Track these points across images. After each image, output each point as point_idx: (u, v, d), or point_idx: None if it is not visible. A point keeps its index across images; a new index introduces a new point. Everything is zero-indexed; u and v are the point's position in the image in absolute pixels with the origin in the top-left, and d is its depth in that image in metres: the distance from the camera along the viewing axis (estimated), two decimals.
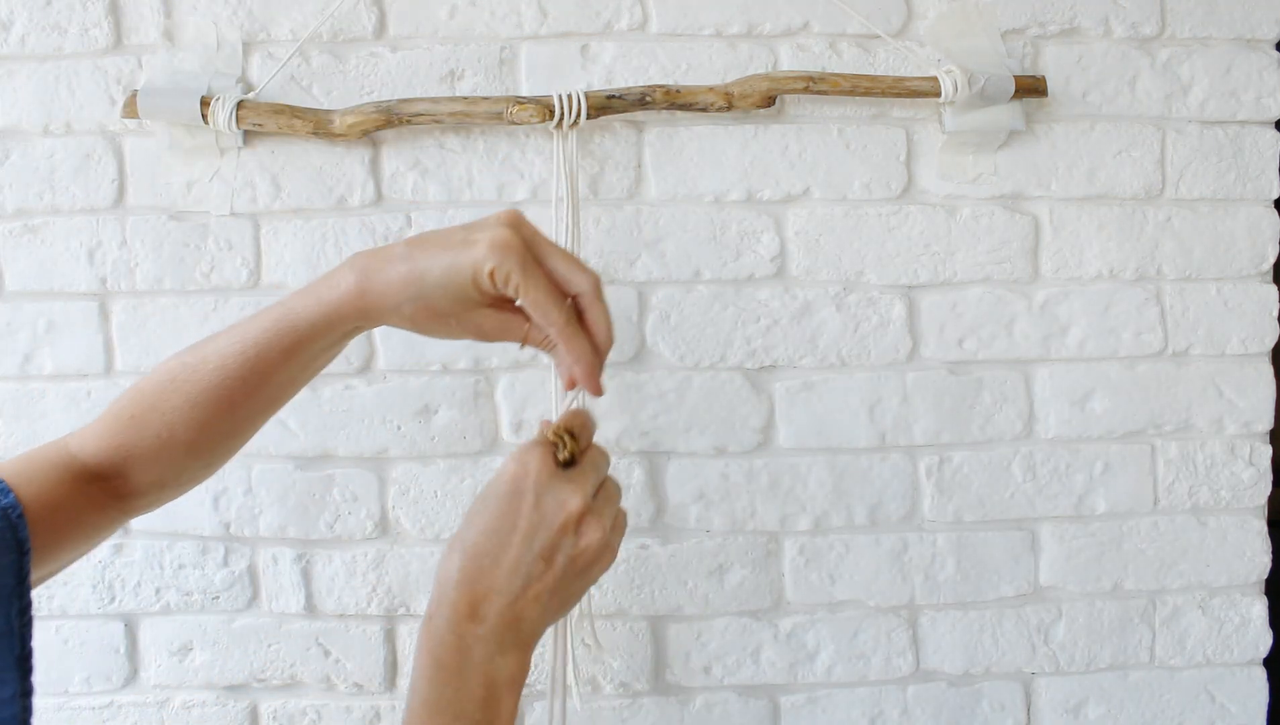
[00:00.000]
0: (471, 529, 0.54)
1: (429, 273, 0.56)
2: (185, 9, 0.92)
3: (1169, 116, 0.98)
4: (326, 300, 0.58)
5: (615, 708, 0.98)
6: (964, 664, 1.00)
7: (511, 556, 0.53)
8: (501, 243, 0.55)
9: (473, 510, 0.55)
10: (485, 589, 0.52)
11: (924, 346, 0.98)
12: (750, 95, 0.92)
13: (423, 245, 0.57)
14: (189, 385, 0.63)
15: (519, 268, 0.55)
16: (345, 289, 0.58)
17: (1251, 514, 1.00)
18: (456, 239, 0.56)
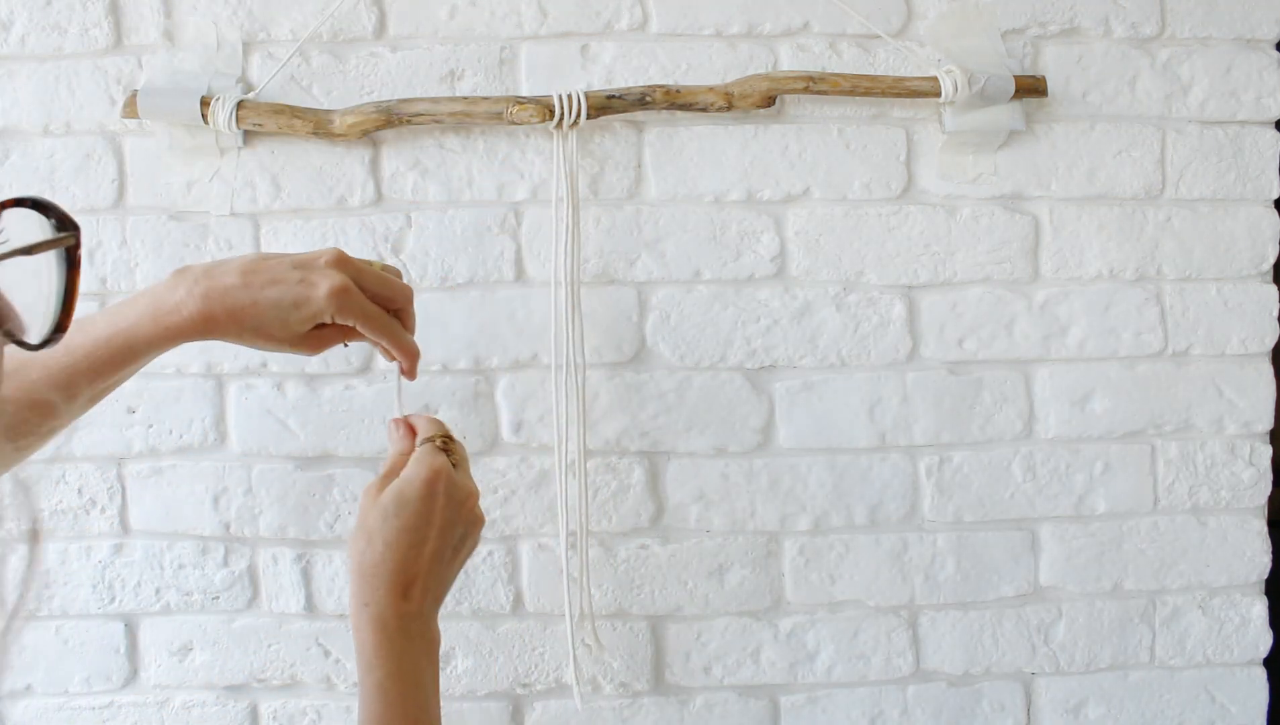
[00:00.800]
0: (391, 526, 0.63)
1: (269, 309, 0.64)
2: (185, 9, 0.92)
3: (1169, 116, 0.98)
4: (169, 325, 0.63)
5: (615, 708, 0.98)
6: (964, 664, 1.00)
7: (432, 547, 0.63)
8: (339, 291, 0.64)
9: (388, 510, 0.63)
10: (412, 576, 0.62)
11: (924, 346, 0.98)
12: (750, 95, 0.92)
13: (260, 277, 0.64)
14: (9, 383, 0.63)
15: (359, 314, 0.65)
16: (189, 315, 0.63)
17: (1251, 514, 1.00)
18: (294, 279, 0.64)
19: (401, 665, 0.61)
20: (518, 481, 0.96)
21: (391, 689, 0.61)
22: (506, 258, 0.95)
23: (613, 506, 0.96)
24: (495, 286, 0.95)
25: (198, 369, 0.94)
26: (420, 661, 0.62)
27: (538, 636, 0.97)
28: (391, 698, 0.61)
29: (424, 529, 0.63)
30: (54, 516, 0.94)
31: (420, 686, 0.62)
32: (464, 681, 0.97)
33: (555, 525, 0.95)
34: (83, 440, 0.94)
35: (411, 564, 0.63)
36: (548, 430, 0.95)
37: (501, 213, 0.95)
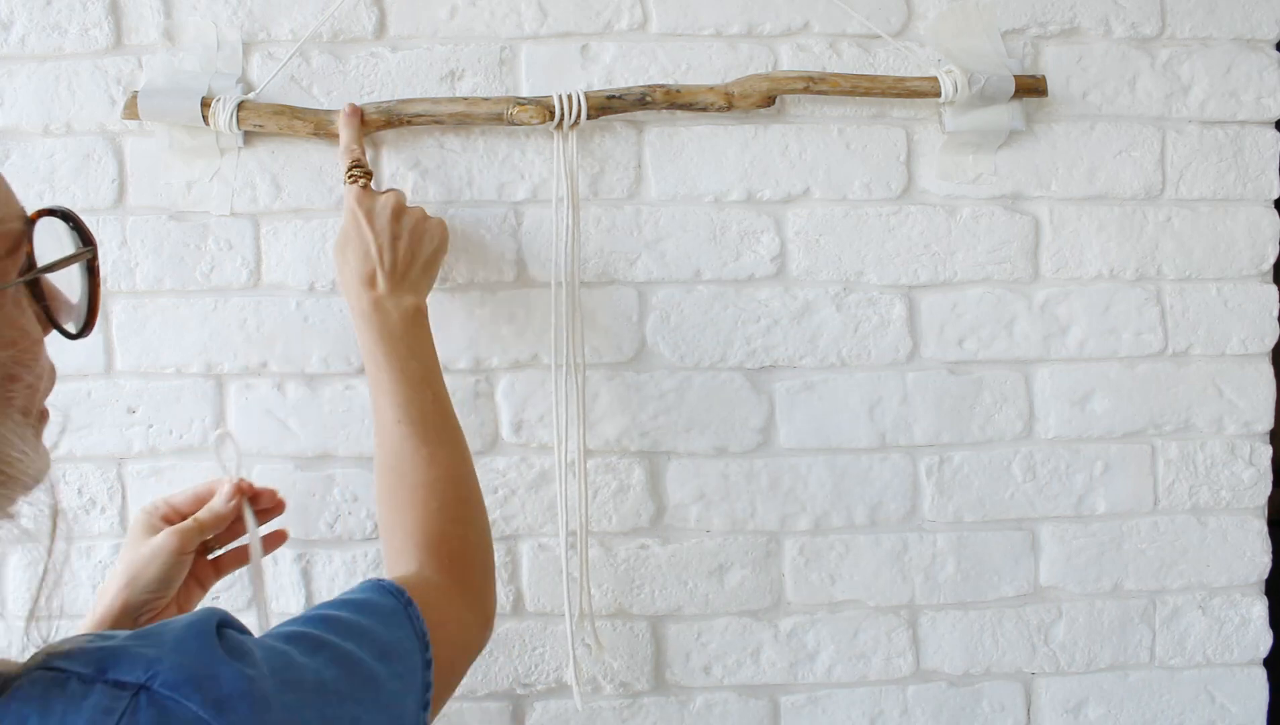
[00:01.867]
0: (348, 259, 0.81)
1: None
2: (185, 9, 0.92)
3: (1169, 116, 0.98)
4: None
5: (615, 708, 0.98)
6: (964, 664, 1.00)
7: (372, 247, 0.80)
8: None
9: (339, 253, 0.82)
10: (369, 271, 0.80)
11: (924, 346, 0.98)
12: (750, 95, 0.92)
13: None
14: None
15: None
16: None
17: (1251, 514, 1.00)
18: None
19: (383, 331, 0.78)
20: (518, 481, 0.96)
21: (378, 347, 0.78)
22: (506, 258, 0.95)
23: (613, 506, 0.96)
24: (495, 286, 0.95)
25: (198, 369, 0.94)
26: (397, 324, 0.79)
27: (538, 636, 0.97)
28: (379, 353, 0.78)
29: (359, 239, 0.80)
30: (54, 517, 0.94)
31: (404, 338, 0.78)
32: (464, 682, 0.96)
33: (555, 525, 0.95)
34: (83, 440, 0.94)
35: (362, 264, 0.80)
36: (548, 430, 0.95)
37: (501, 213, 0.94)
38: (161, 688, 0.44)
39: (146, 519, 0.79)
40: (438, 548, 0.72)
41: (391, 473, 0.76)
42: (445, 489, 0.75)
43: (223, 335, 0.94)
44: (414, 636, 0.61)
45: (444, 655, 0.63)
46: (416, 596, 0.63)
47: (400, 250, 0.81)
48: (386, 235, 0.81)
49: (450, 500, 0.75)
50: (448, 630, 0.65)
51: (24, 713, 0.43)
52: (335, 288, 0.94)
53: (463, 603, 0.70)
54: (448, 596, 0.68)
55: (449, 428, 0.79)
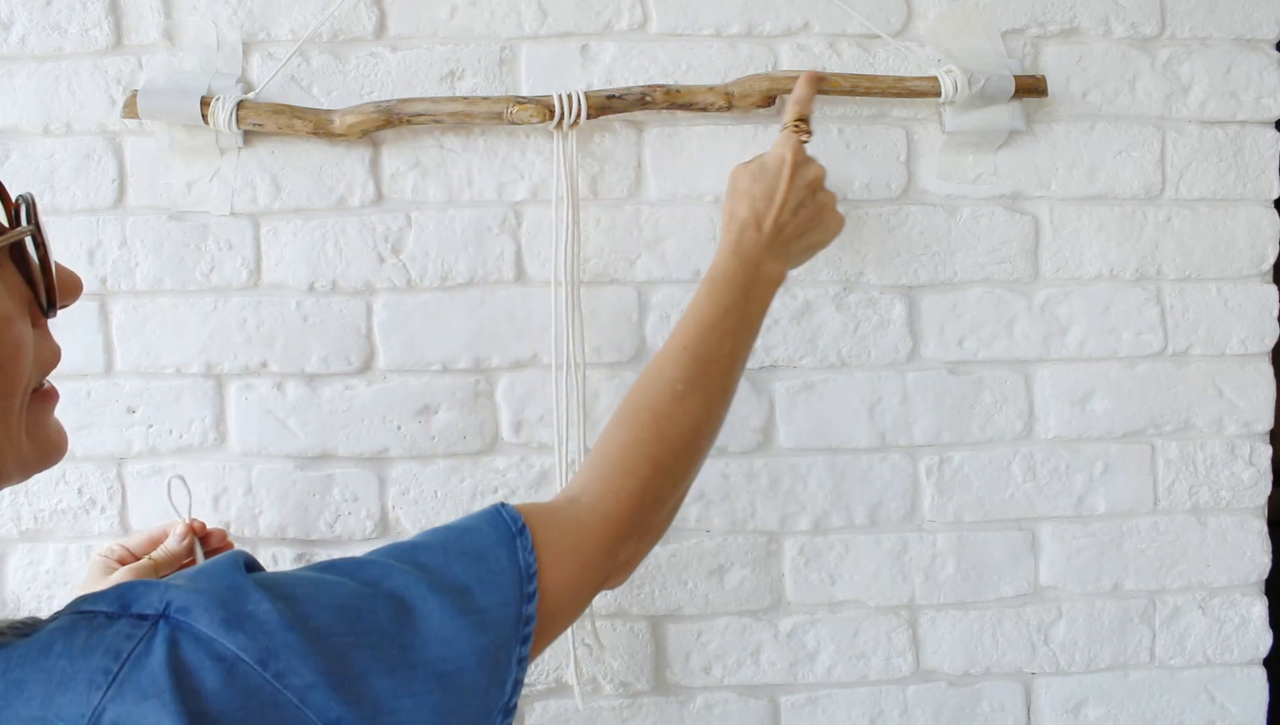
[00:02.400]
0: (751, 189, 0.79)
1: None
2: (185, 9, 0.92)
3: (1169, 116, 0.98)
4: None
5: (615, 708, 0.98)
6: (964, 664, 1.00)
7: (779, 196, 0.79)
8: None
9: (747, 179, 0.80)
10: (760, 217, 0.79)
11: (924, 346, 0.98)
12: (750, 95, 0.92)
13: None
14: None
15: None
16: None
17: (1251, 514, 1.00)
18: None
19: (735, 274, 0.77)
20: (518, 481, 0.96)
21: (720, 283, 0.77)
22: (506, 258, 0.95)
23: None
24: (495, 286, 0.95)
25: (198, 369, 0.94)
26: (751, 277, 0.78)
27: None
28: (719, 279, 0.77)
29: (776, 187, 0.79)
30: (54, 516, 0.94)
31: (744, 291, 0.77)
32: None
33: None
34: (83, 440, 0.94)
35: (763, 206, 0.79)
36: (548, 430, 0.95)
37: (501, 213, 0.94)
38: (175, 613, 0.47)
39: (103, 562, 0.83)
40: (617, 479, 0.68)
41: (639, 391, 0.73)
42: (667, 429, 0.71)
43: (223, 335, 0.94)
44: (513, 566, 0.59)
45: (552, 595, 0.61)
46: (539, 526, 0.62)
47: (799, 218, 0.80)
48: (796, 197, 0.79)
49: (666, 442, 0.71)
50: (564, 571, 0.62)
51: (51, 640, 0.46)
52: (335, 287, 0.94)
53: (596, 538, 0.66)
54: (581, 535, 0.65)
55: (720, 383, 0.75)
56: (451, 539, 0.60)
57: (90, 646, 0.46)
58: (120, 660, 0.45)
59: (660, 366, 0.74)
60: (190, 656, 0.46)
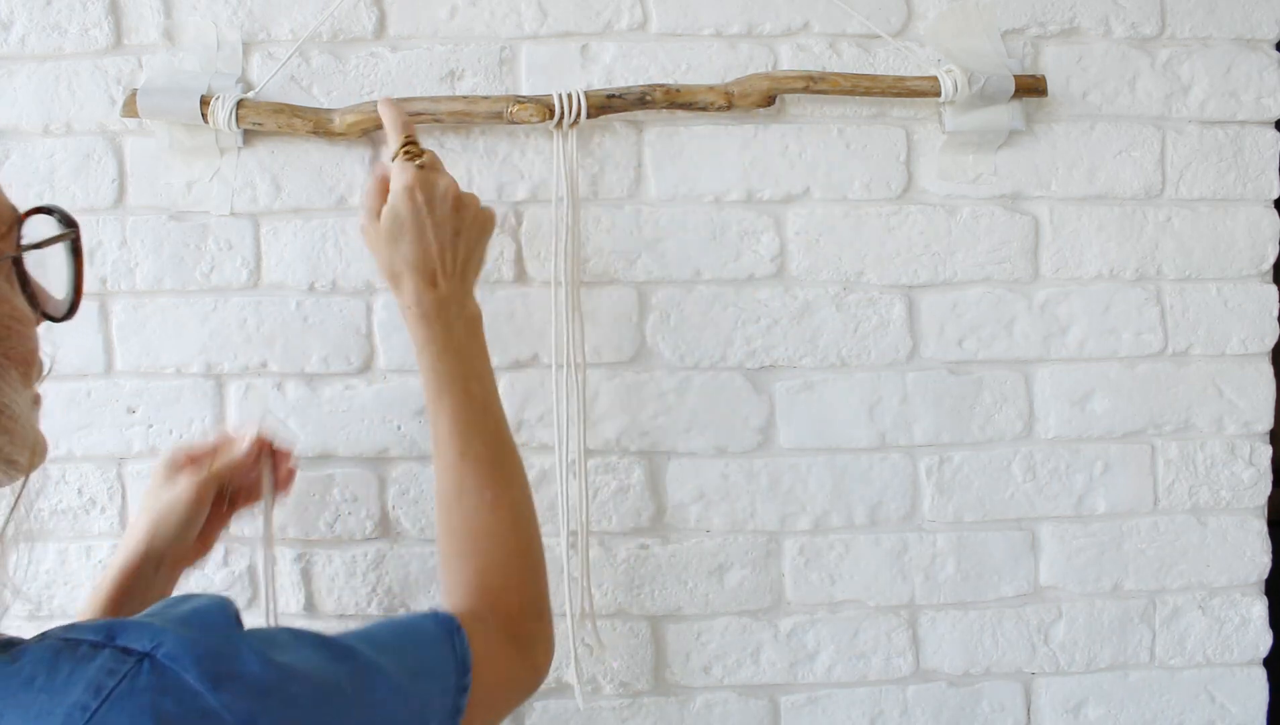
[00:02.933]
0: (400, 247, 0.74)
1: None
2: (185, 9, 0.92)
3: (1169, 116, 0.98)
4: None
5: (615, 708, 0.98)
6: (964, 664, 1.00)
7: (434, 243, 0.74)
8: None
9: (390, 235, 0.74)
10: (430, 270, 0.74)
11: (924, 346, 0.98)
12: (750, 95, 0.92)
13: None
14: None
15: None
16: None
17: (1251, 514, 1.00)
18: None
19: (447, 343, 0.73)
20: None
21: (441, 364, 0.73)
22: (506, 257, 0.95)
23: (613, 506, 0.96)
24: (495, 286, 0.95)
25: (198, 369, 0.94)
26: (462, 336, 0.74)
27: None
28: (442, 369, 0.73)
29: (423, 230, 0.74)
30: (54, 516, 0.94)
31: (466, 354, 0.74)
32: None
33: (555, 525, 0.95)
34: (82, 441, 0.94)
35: (425, 260, 0.74)
36: (548, 430, 0.95)
37: (501, 212, 0.94)
38: (165, 657, 0.46)
39: (166, 468, 0.81)
40: (495, 600, 0.71)
41: (453, 512, 0.73)
42: (508, 539, 0.72)
43: (223, 335, 0.94)
44: (452, 658, 0.62)
45: (484, 690, 0.63)
46: (468, 631, 0.64)
47: (461, 247, 0.75)
48: (449, 229, 0.74)
49: (510, 551, 0.72)
50: (494, 669, 0.65)
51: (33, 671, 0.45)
52: (335, 287, 0.94)
53: (513, 652, 0.69)
54: (496, 643, 0.68)
55: (511, 463, 0.75)
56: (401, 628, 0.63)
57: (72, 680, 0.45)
58: (101, 697, 0.44)
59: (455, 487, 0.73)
60: (173, 709, 0.45)
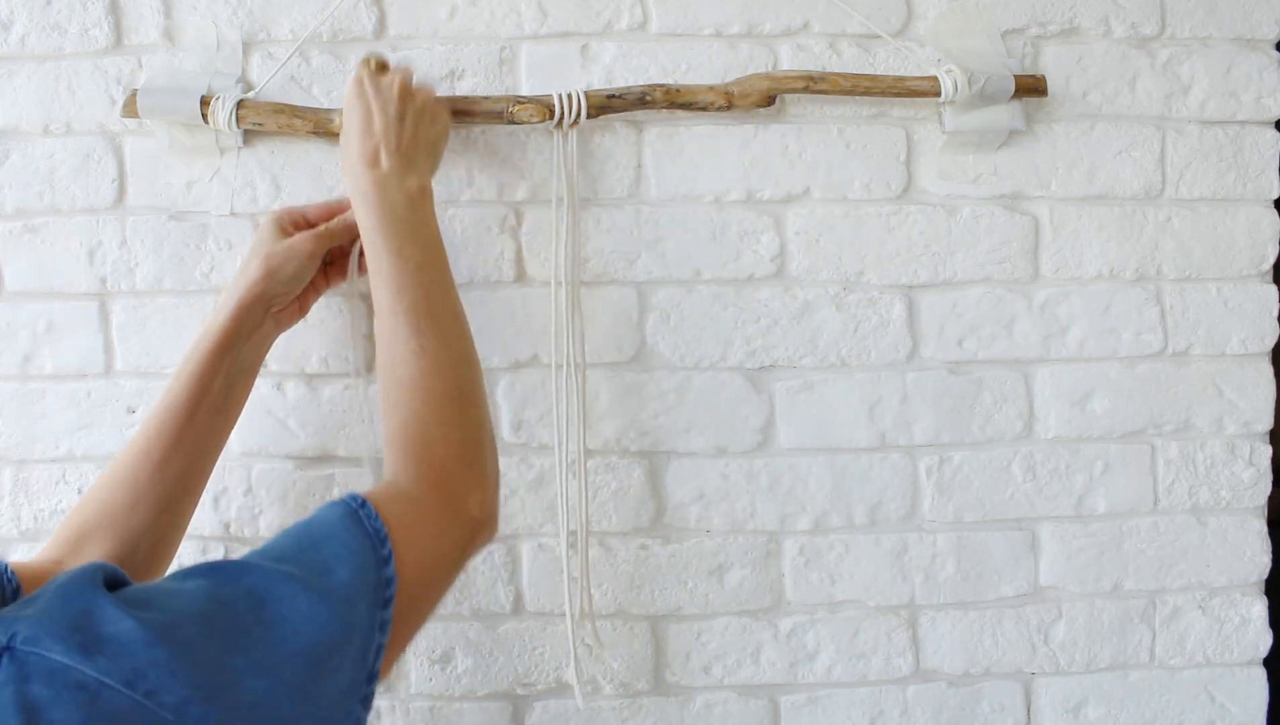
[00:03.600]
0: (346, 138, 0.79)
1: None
2: (185, 9, 0.92)
3: (1169, 116, 0.98)
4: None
5: (615, 708, 0.98)
6: (964, 664, 1.00)
7: (377, 123, 0.78)
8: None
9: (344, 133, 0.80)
10: (372, 148, 0.77)
11: (924, 346, 0.98)
12: (750, 95, 0.92)
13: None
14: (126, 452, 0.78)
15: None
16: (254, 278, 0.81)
17: (1251, 514, 1.00)
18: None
19: (384, 217, 0.75)
20: (518, 481, 0.96)
21: (378, 238, 0.75)
22: (506, 258, 0.95)
23: (613, 506, 0.96)
24: (495, 286, 0.95)
25: None
26: (401, 210, 0.76)
27: (538, 636, 0.97)
28: (379, 243, 0.75)
29: (365, 116, 0.78)
30: (54, 516, 0.94)
31: (405, 226, 0.76)
32: (464, 681, 0.97)
33: (555, 525, 0.95)
34: (82, 440, 0.94)
35: (366, 141, 0.77)
36: (548, 430, 0.95)
37: (501, 213, 0.94)
38: (22, 644, 0.44)
39: (277, 222, 0.84)
40: (418, 453, 0.69)
41: (384, 369, 0.73)
42: (432, 384, 0.71)
43: None
44: (363, 534, 0.59)
45: (411, 562, 0.61)
46: (380, 501, 0.62)
47: (406, 128, 0.79)
48: (393, 111, 0.78)
49: (436, 397, 0.71)
50: (415, 538, 0.62)
51: None
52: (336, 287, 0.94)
53: (441, 512, 0.67)
54: (419, 507, 0.66)
55: (444, 316, 0.75)
56: (300, 530, 0.60)
57: None
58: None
59: (386, 342, 0.74)
60: (41, 693, 0.42)
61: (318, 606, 0.53)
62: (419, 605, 0.62)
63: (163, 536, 0.77)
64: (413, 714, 0.96)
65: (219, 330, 0.79)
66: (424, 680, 0.96)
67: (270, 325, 0.84)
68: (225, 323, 0.79)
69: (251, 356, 0.83)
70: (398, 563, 0.60)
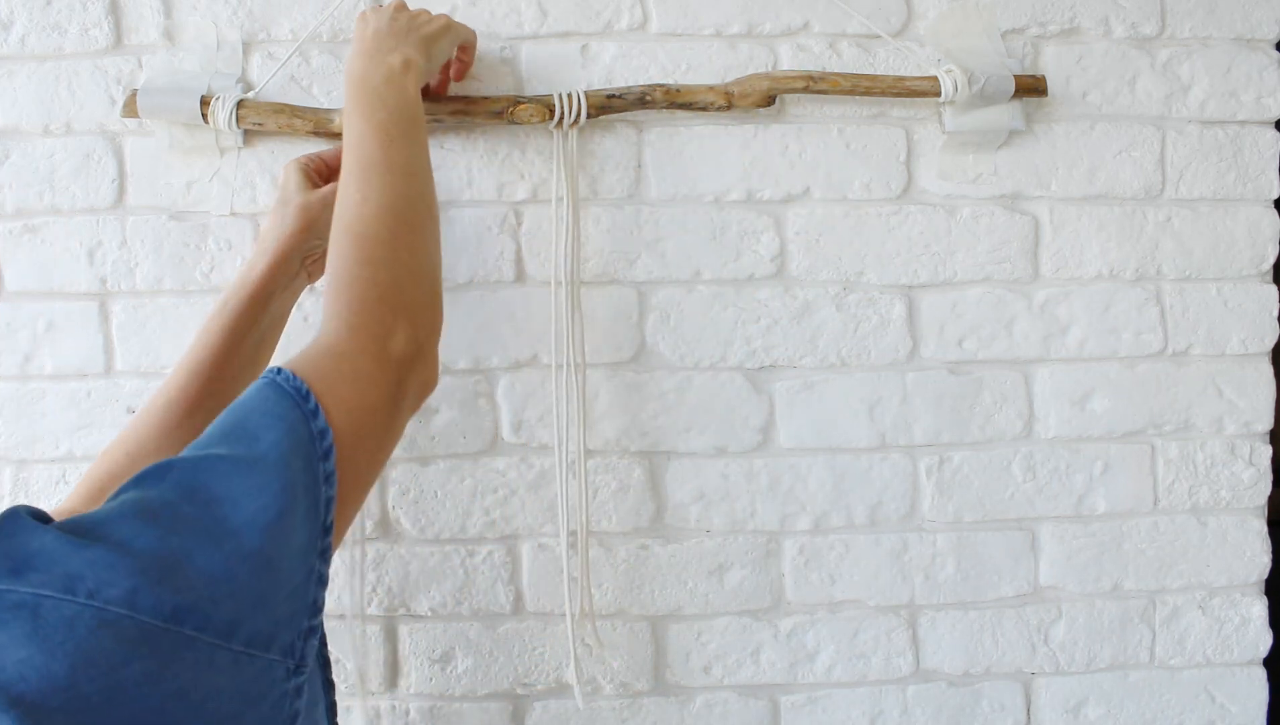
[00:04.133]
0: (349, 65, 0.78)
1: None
2: (185, 9, 0.92)
3: (1169, 116, 0.98)
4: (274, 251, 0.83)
5: (615, 708, 0.98)
6: (964, 664, 1.00)
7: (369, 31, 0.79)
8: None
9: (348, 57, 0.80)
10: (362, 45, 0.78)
11: (924, 346, 0.98)
12: (750, 95, 0.92)
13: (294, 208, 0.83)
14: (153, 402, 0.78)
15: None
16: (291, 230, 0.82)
17: (1251, 514, 1.00)
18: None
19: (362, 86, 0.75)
20: (518, 481, 0.96)
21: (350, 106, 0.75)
22: (506, 258, 0.95)
23: (613, 506, 0.97)
24: (495, 286, 0.95)
25: None
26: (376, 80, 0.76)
27: (538, 636, 0.97)
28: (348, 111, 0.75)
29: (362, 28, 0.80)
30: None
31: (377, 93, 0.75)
32: (464, 681, 0.97)
33: (555, 525, 0.95)
34: (82, 440, 0.94)
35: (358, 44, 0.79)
36: (548, 430, 0.95)
37: (501, 213, 0.94)
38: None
39: (303, 171, 0.84)
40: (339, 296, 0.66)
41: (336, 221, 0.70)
42: (366, 229, 0.68)
43: None
44: (286, 395, 0.57)
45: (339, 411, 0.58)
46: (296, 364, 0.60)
47: (399, 23, 0.81)
48: (386, 15, 0.81)
49: (368, 240, 0.68)
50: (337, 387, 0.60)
51: None
52: None
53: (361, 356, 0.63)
54: (338, 354, 0.63)
55: (398, 168, 0.73)
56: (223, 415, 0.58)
57: None
58: None
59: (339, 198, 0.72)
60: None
61: (253, 474, 0.52)
62: (359, 454, 0.60)
63: None
64: (413, 714, 0.96)
65: (256, 283, 0.79)
66: (424, 680, 0.96)
67: (304, 276, 0.84)
68: (263, 275, 0.79)
69: (284, 307, 0.84)
70: (326, 414, 0.58)
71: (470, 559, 0.96)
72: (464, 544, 0.96)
